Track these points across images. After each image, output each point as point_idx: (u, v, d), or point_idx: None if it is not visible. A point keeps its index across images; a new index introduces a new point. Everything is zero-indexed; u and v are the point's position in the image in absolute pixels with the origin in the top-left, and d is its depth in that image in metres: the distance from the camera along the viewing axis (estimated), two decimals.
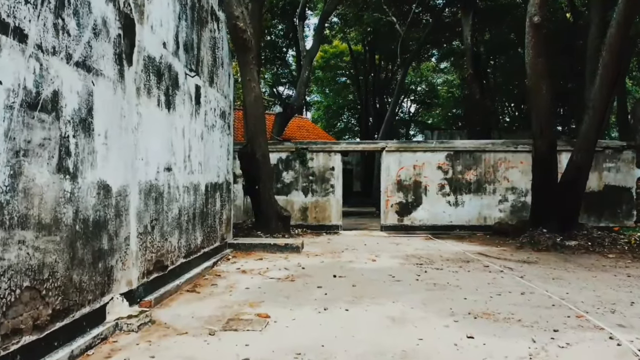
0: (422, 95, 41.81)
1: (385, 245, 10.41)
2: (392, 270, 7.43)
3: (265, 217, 11.44)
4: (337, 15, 29.26)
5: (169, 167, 5.96)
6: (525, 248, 9.71)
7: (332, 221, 12.95)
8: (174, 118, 6.16)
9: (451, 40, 27.51)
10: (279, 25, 34.95)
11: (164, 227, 5.84)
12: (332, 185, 12.99)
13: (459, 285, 6.29)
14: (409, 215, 12.81)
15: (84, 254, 3.98)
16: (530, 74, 9.91)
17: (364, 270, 7.37)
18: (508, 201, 12.66)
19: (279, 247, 9.14)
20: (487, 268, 7.58)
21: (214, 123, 8.12)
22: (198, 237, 7.26)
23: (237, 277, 6.92)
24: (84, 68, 3.99)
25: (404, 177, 12.81)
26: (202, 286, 6.31)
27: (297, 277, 6.83)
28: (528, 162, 12.55)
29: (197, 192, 7.19)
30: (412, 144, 13.05)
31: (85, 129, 4.01)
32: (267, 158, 11.52)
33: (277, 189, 12.89)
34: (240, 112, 15.73)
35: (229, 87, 9.24)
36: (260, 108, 11.37)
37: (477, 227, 12.59)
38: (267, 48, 35.91)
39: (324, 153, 12.99)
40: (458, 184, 12.74)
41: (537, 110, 9.93)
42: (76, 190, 3.85)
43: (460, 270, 7.37)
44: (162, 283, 5.71)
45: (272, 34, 35.43)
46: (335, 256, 8.87)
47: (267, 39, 35.90)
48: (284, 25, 33.59)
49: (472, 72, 14.92)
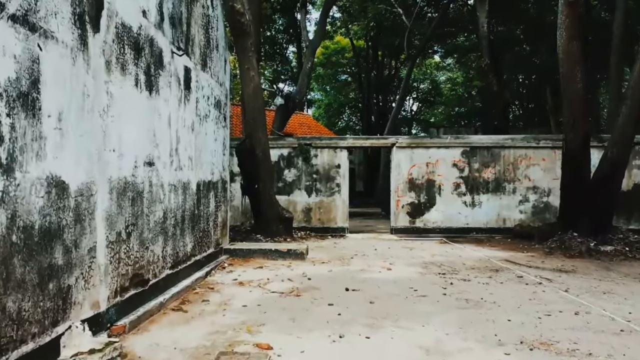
0: (424, 93, 40.87)
1: (398, 251, 9.42)
2: (413, 281, 6.43)
3: (265, 219, 10.44)
4: (340, 8, 28.33)
5: (150, 161, 4.97)
6: (556, 254, 8.72)
7: (337, 223, 11.96)
8: (158, 103, 5.17)
9: (456, 35, 26.56)
10: (279, 20, 34.03)
11: (144, 233, 4.85)
12: (338, 184, 11.99)
13: (495, 302, 5.30)
14: (422, 217, 11.81)
15: (26, 274, 2.98)
16: (563, 59, 8.91)
17: (380, 282, 6.38)
18: (529, 201, 11.66)
19: (281, 254, 8.15)
20: (522, 279, 6.58)
21: (207, 113, 7.13)
22: (188, 243, 6.27)
23: (233, 290, 5.93)
24: (26, 25, 3.00)
25: (416, 176, 11.82)
26: (191, 303, 5.32)
27: (303, 291, 5.84)
28: (551, 159, 11.59)
29: (187, 192, 6.20)
30: (425, 140, 12.07)
31: (28, 106, 3.01)
32: (267, 154, 10.53)
33: (278, 188, 11.89)
34: (239, 107, 14.72)
35: (224, 73, 8.25)
36: (260, 99, 10.38)
37: (495, 230, 11.59)
38: (267, 44, 35.01)
39: (329, 149, 12.00)
40: (475, 182, 11.75)
41: (569, 99, 8.92)
42: (12, 189, 2.86)
43: (492, 282, 6.37)
44: (141, 301, 4.72)
45: (272, 29, 34.52)
46: (344, 263, 7.88)
47: (267, 34, 35.03)
48: (284, 20, 32.68)
49: (489, 61, 13.91)
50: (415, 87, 39.73)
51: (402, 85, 21.79)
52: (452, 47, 28.91)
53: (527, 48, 24.83)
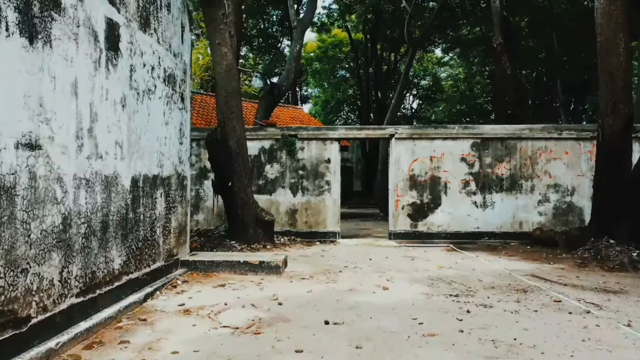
0: (425, 89, 39.37)
1: (398, 261, 7.83)
2: (416, 308, 4.84)
3: (240, 222, 8.87)
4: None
5: (32, 142, 3.38)
6: (590, 266, 7.13)
7: (327, 227, 10.35)
8: (49, 59, 3.57)
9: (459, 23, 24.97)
10: (272, 12, 32.55)
11: (19, 248, 3.25)
12: (328, 181, 10.39)
13: (536, 345, 3.70)
14: (425, 220, 10.21)
15: None
16: (602, 24, 7.30)
17: (373, 309, 4.78)
18: (550, 202, 10.07)
19: (252, 267, 6.56)
20: (561, 305, 4.98)
21: (150, 87, 5.53)
22: (115, 258, 4.67)
23: (171, 322, 4.34)
24: None
25: (419, 172, 10.22)
26: (101, 346, 3.72)
27: (267, 325, 4.24)
28: (575, 153, 10.01)
29: (113, 189, 4.60)
30: (429, 130, 10.46)
31: None
32: (243, 146, 8.93)
33: (259, 187, 10.31)
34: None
35: (181, 43, 6.65)
36: (234, 81, 8.78)
37: (510, 235, 10.00)
38: (261, 36, 33.54)
39: (317, 141, 10.40)
40: (487, 180, 10.16)
41: (609, 74, 7.31)
42: None
43: (522, 310, 4.77)
44: (12, 351, 3.12)
45: (265, 21, 33.06)
46: (329, 280, 6.28)
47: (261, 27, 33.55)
48: (278, 12, 31.17)
49: (502, 40, 12.28)
50: (416, 83, 38.28)
51: (402, 76, 20.20)
52: (454, 39, 27.40)
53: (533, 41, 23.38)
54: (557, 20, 19.27)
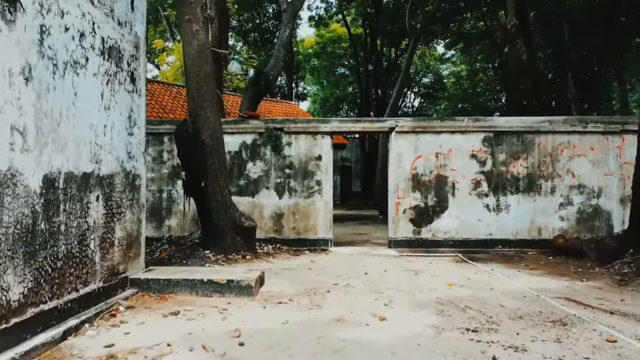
0: (427, 87, 38.14)
1: (398, 276, 6.57)
2: (423, 352, 3.57)
3: (215, 228, 7.63)
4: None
5: None
6: (634, 284, 5.85)
7: (318, 233, 9.08)
8: None
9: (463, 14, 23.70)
10: (267, 6, 31.42)
11: None
12: (319, 181, 9.13)
13: None
14: (430, 225, 8.94)
15: None
16: None
17: (365, 354, 3.52)
18: (573, 205, 8.79)
19: (217, 287, 5.30)
20: (618, 347, 3.71)
21: (78, 59, 4.28)
22: (12, 285, 3.41)
23: None
24: None
25: (422, 170, 8.96)
26: None
27: None
28: (602, 149, 8.75)
29: (9, 191, 3.35)
30: (434, 122, 9.19)
31: None
32: (219, 140, 7.69)
33: (239, 188, 9.05)
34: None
35: (131, 10, 5.40)
36: (206, 64, 7.52)
37: (528, 243, 8.74)
38: (256, 31, 32.41)
39: (306, 135, 9.13)
40: (500, 179, 8.89)
41: None
42: None
43: (569, 358, 3.50)
44: None
45: (261, 15, 31.96)
46: (313, 304, 5.02)
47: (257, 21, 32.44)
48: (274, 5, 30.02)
49: (517, 22, 10.97)
50: (417, 80, 37.06)
51: (403, 69, 18.94)
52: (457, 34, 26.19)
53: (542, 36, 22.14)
54: (569, 9, 18.01)
